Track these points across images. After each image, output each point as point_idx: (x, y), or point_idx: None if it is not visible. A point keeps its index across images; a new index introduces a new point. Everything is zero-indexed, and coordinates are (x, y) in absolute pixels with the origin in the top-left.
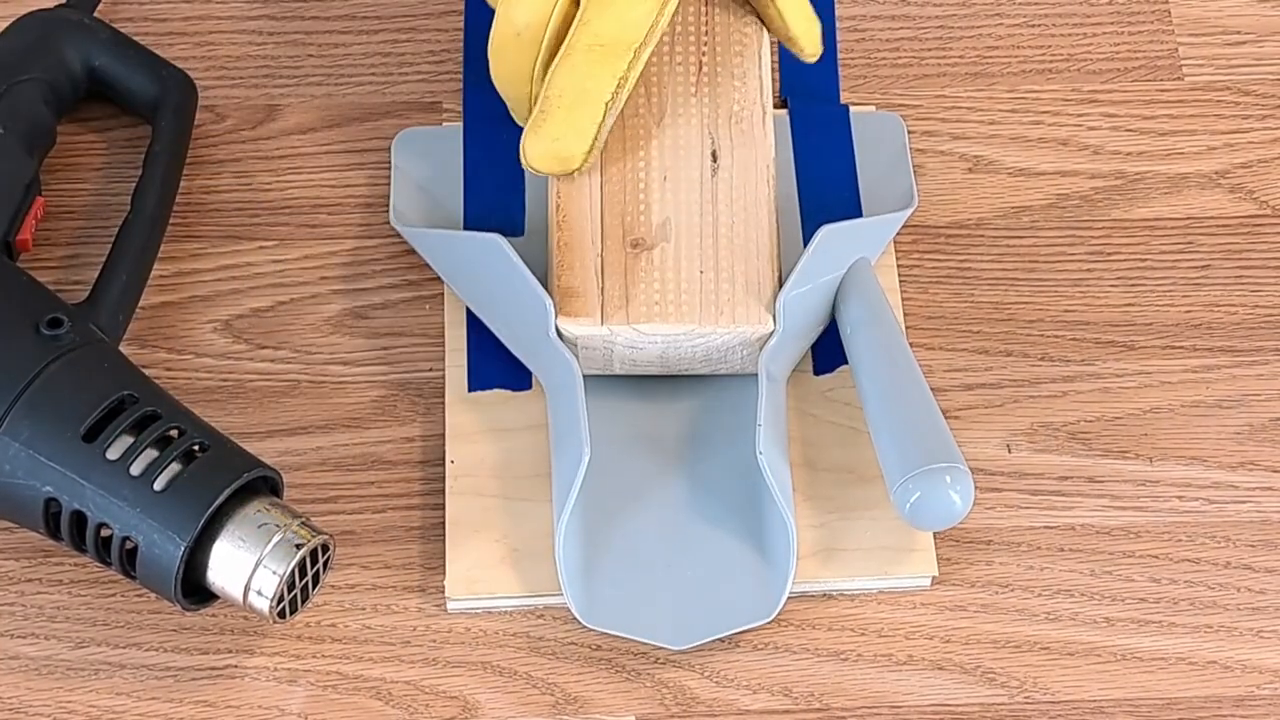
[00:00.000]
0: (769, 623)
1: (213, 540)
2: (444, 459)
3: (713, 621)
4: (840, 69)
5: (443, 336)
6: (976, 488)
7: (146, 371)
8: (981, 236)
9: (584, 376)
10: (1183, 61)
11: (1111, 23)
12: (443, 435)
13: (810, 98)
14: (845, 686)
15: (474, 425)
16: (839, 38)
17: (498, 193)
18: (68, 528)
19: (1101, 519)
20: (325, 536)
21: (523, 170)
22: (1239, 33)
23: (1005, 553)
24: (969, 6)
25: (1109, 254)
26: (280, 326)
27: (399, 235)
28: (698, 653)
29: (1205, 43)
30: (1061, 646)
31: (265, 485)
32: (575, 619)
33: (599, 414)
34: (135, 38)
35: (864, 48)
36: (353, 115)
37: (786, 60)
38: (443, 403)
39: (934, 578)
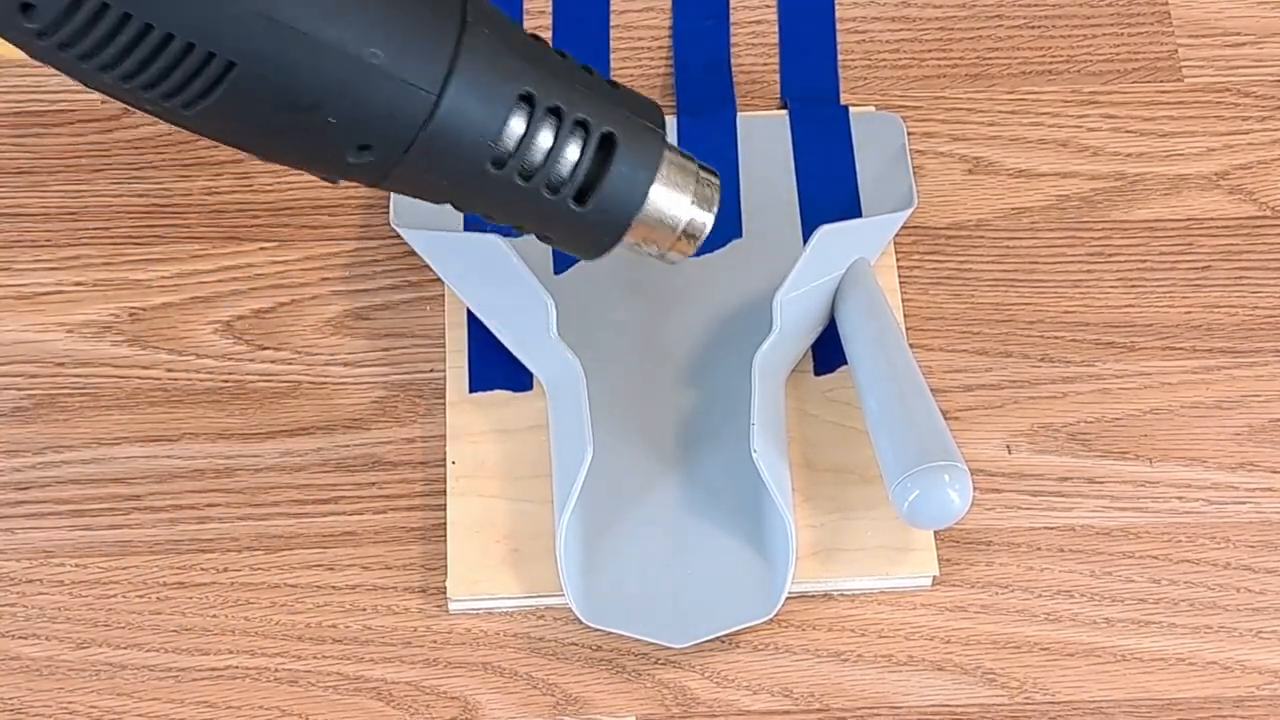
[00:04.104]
0: (769, 622)
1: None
2: (445, 460)
3: (713, 620)
4: (840, 70)
5: (443, 337)
6: (976, 489)
7: (148, 373)
8: (981, 238)
9: (585, 376)
10: (1183, 63)
11: (1111, 24)
12: (444, 436)
13: (810, 98)
14: (845, 687)
15: (475, 426)
16: (839, 39)
17: None
18: (535, 125)
19: (1101, 520)
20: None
21: None
22: (1239, 34)
23: (1005, 553)
24: (969, 8)
25: (1109, 255)
26: (281, 327)
27: (399, 236)
28: (698, 653)
29: (1205, 44)
30: (1061, 647)
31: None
32: (576, 619)
33: (599, 414)
34: None
35: (864, 49)
36: None
37: (787, 60)
38: (443, 403)
39: (934, 578)
